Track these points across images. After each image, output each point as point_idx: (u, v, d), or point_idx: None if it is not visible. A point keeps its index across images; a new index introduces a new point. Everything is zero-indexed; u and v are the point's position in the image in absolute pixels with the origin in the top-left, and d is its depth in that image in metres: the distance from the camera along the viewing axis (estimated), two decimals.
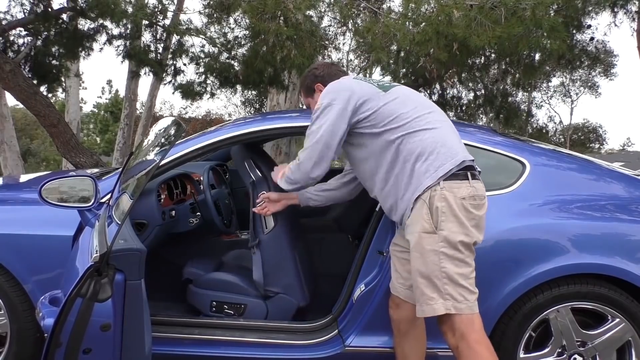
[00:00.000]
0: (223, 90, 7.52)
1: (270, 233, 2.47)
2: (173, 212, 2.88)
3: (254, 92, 14.77)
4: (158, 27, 6.51)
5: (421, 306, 1.79)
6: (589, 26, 8.33)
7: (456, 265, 1.76)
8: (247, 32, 6.26)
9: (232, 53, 6.55)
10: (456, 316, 1.75)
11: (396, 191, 1.89)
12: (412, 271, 1.84)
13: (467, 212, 1.77)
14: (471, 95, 9.83)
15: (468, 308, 1.75)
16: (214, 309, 2.51)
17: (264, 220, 2.48)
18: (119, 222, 1.75)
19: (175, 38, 6.67)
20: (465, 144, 1.97)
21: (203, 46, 6.70)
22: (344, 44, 12.50)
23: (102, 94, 40.70)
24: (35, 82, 5.91)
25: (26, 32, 6.01)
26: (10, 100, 11.66)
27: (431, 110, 1.95)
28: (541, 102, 21.93)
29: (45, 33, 5.98)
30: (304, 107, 2.19)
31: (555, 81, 18.80)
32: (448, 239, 1.75)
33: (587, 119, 32.19)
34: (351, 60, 13.79)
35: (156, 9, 6.39)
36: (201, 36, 6.53)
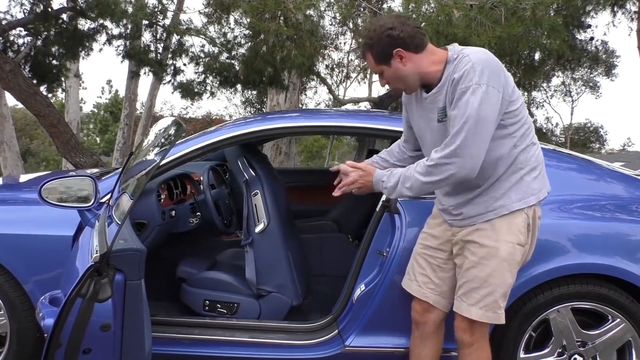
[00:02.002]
0: (223, 90, 7.54)
1: (263, 232, 2.48)
2: (173, 212, 2.88)
3: (254, 92, 14.77)
4: (158, 27, 6.52)
5: (487, 312, 1.80)
6: (589, 26, 8.35)
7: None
8: (247, 32, 6.27)
9: (232, 53, 6.56)
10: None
11: (488, 191, 1.77)
12: (480, 277, 1.79)
13: (538, 231, 1.85)
14: None
15: None
16: (207, 307, 2.51)
17: (256, 218, 2.48)
18: (119, 222, 1.75)
19: (175, 38, 6.68)
20: None
21: (203, 46, 6.72)
22: (345, 43, 12.50)
23: (102, 94, 40.82)
24: (35, 82, 5.91)
25: (26, 32, 6.01)
26: (10, 100, 11.65)
27: None
28: (541, 101, 21.90)
29: (45, 33, 5.99)
30: (374, 75, 1.80)
31: (556, 80, 18.80)
32: (525, 253, 1.82)
33: (589, 119, 32.18)
34: (351, 60, 13.81)
35: (156, 9, 6.40)
36: (201, 36, 6.54)
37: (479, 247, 1.79)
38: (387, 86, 1.89)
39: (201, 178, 3.31)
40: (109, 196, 2.19)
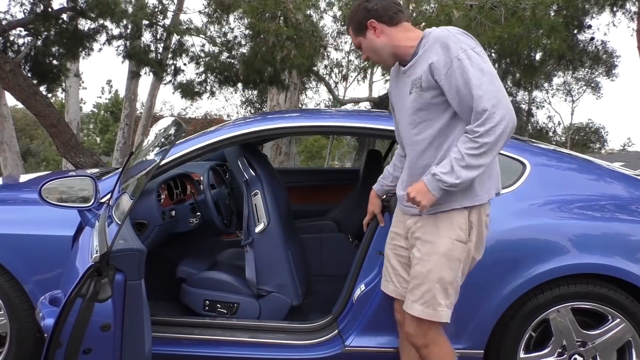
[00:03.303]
0: (223, 90, 7.55)
1: (263, 232, 2.48)
2: (173, 212, 2.88)
3: (254, 92, 14.78)
4: (158, 27, 6.53)
5: (426, 308, 1.77)
6: (589, 26, 8.35)
7: (462, 276, 1.80)
8: (247, 32, 6.28)
9: (232, 52, 6.56)
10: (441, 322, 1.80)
11: None
12: (422, 273, 1.77)
13: (486, 229, 1.82)
14: None
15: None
16: (207, 307, 2.52)
17: (256, 218, 2.48)
18: (119, 222, 1.75)
19: (175, 38, 6.69)
20: None
21: (203, 46, 6.73)
22: (345, 43, 12.51)
23: (102, 94, 40.93)
24: (35, 82, 5.92)
25: (26, 32, 6.02)
26: (10, 100, 11.67)
27: None
28: (542, 101, 21.91)
29: (45, 33, 5.99)
30: (354, 47, 1.81)
31: (557, 80, 18.79)
32: (470, 251, 1.78)
33: (591, 119, 32.20)
34: (351, 60, 13.81)
35: (156, 9, 6.41)
36: (201, 36, 6.54)
37: (422, 244, 1.79)
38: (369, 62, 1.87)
39: (201, 178, 3.31)
40: (109, 196, 2.19)
